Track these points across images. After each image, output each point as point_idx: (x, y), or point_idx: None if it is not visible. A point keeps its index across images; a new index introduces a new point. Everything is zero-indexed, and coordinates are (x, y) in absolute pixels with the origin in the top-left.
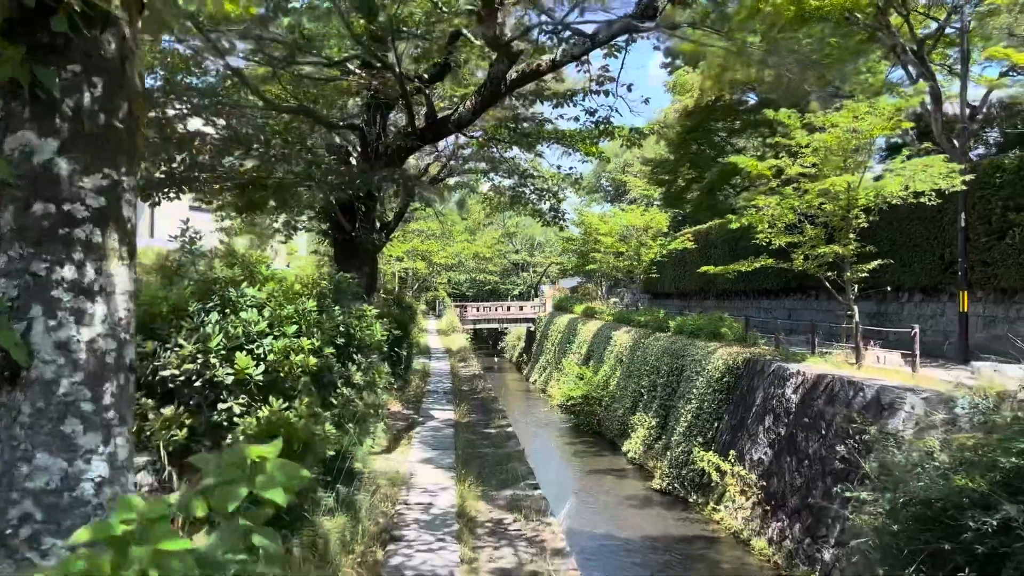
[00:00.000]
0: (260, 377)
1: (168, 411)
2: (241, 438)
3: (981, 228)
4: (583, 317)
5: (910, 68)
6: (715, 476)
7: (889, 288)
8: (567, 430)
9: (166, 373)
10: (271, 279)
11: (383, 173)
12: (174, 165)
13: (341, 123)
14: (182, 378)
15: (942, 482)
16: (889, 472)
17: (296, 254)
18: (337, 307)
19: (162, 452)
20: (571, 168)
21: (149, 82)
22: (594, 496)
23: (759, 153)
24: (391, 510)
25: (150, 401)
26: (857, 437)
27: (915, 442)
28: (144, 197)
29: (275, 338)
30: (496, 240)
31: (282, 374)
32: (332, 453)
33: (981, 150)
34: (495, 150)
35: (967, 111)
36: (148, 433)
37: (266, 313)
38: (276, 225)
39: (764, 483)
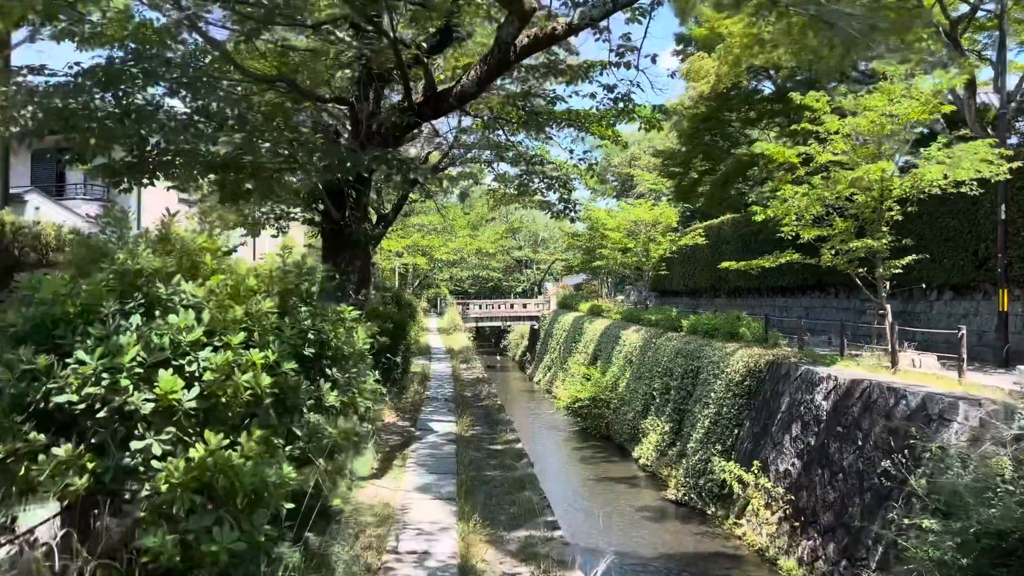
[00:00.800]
0: (192, 403)
1: (63, 450)
2: (163, 488)
3: (1022, 221)
4: (589, 315)
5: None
6: (737, 488)
7: (917, 286)
8: (574, 434)
9: (61, 399)
10: (220, 271)
11: (375, 153)
12: (148, 149)
13: (328, 97)
14: (82, 405)
15: (1020, 510)
16: (955, 496)
17: (293, 250)
18: (305, 308)
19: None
20: (585, 153)
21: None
22: (606, 508)
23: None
24: (377, 562)
25: (41, 436)
26: (903, 451)
27: (981, 461)
28: (113, 183)
29: (215, 350)
30: (500, 235)
31: (224, 399)
32: (290, 506)
33: (1014, 140)
34: (501, 133)
35: (1003, 97)
36: (38, 479)
37: (205, 316)
38: (263, 216)
39: (792, 497)
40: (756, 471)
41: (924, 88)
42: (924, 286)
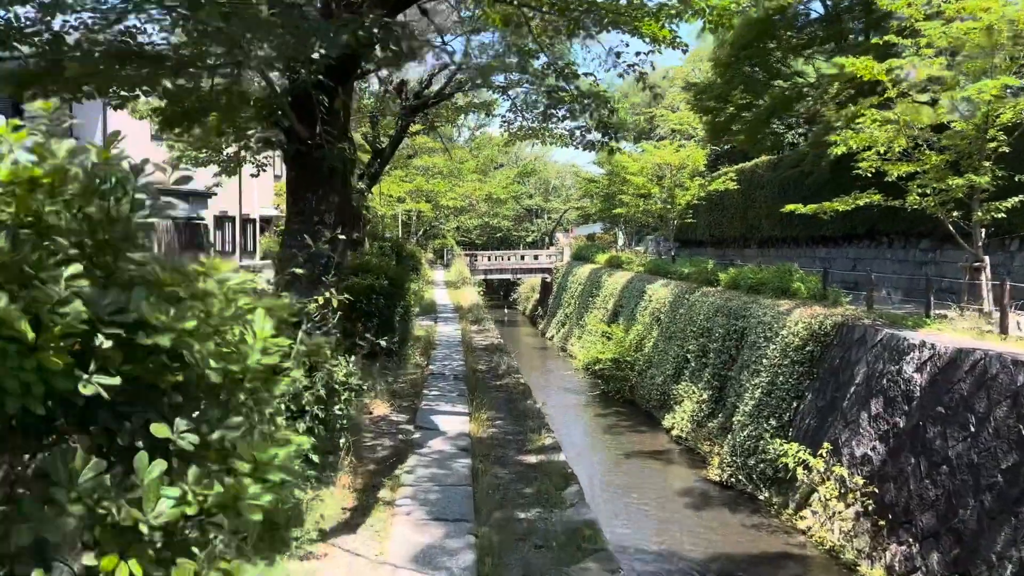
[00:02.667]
0: None
1: None
2: None
3: None
4: (608, 268)
5: None
6: (801, 473)
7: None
8: (595, 399)
9: None
10: None
11: (351, 22)
12: (64, 48)
13: None
14: None
15: None
16: None
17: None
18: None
19: None
20: (637, 60)
21: None
22: (639, 490)
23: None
24: None
25: None
26: None
27: None
28: (16, 93)
29: None
30: (511, 180)
31: None
32: None
33: None
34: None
35: None
36: None
37: None
38: (230, 150)
39: (875, 489)
40: (825, 454)
41: None
42: (995, 234)
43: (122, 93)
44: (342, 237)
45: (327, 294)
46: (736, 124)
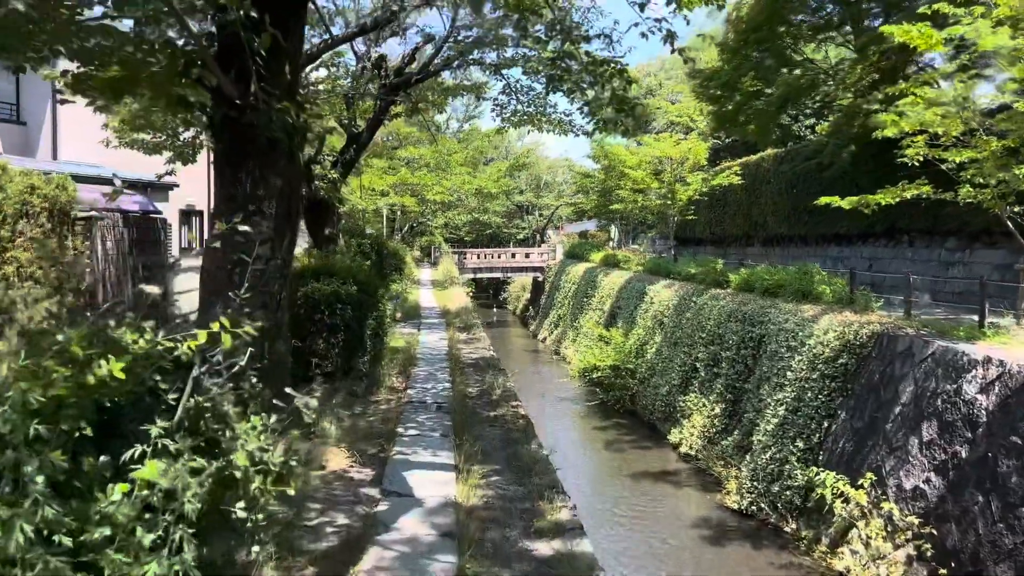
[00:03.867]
0: None
1: None
2: None
3: None
4: (604, 267)
5: None
6: (839, 506)
7: None
8: (593, 408)
9: None
10: None
11: None
12: None
13: None
14: None
15: None
16: None
17: None
18: None
19: None
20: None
21: None
22: (647, 520)
23: (845, 59)
24: None
25: None
26: None
27: None
28: None
29: None
30: (502, 173)
31: None
32: None
33: None
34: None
35: None
36: None
37: None
38: (189, 133)
39: (933, 530)
40: (867, 485)
41: None
42: None
43: (28, 55)
44: (343, 238)
45: (223, 323)
46: (744, 114)
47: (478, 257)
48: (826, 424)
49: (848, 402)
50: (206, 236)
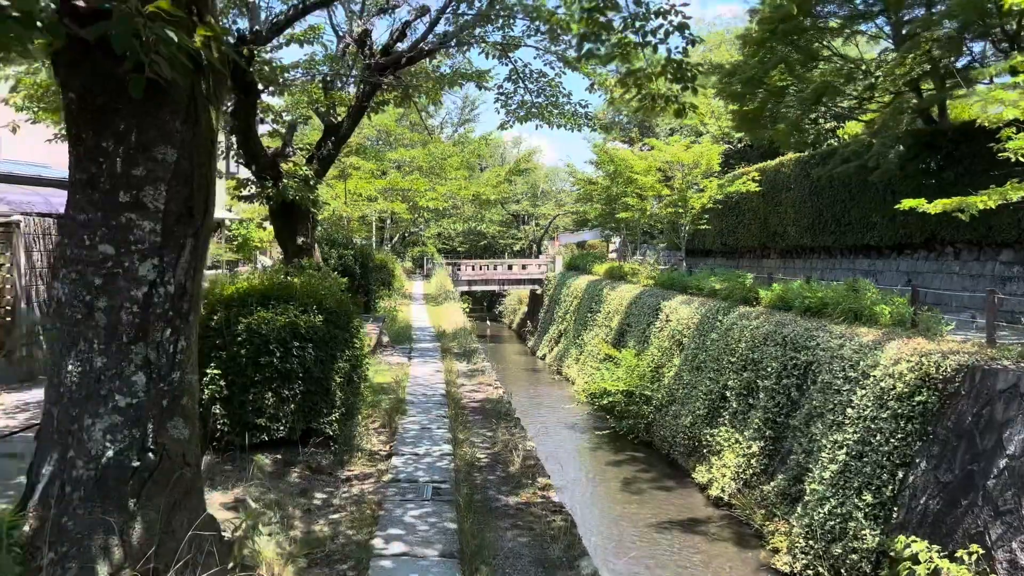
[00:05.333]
0: None
1: None
2: None
3: None
4: (609, 279)
5: None
6: None
7: None
8: (604, 439)
9: None
10: None
11: None
12: None
13: None
14: None
15: None
16: None
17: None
18: None
19: None
20: None
21: None
22: None
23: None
24: None
25: None
26: None
27: None
28: None
29: None
30: (502, 178)
31: None
32: None
33: None
34: None
35: None
36: None
37: None
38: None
39: None
40: (970, 559)
41: None
42: None
43: None
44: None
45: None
46: (771, 112)
47: (473, 269)
48: (901, 475)
49: (930, 449)
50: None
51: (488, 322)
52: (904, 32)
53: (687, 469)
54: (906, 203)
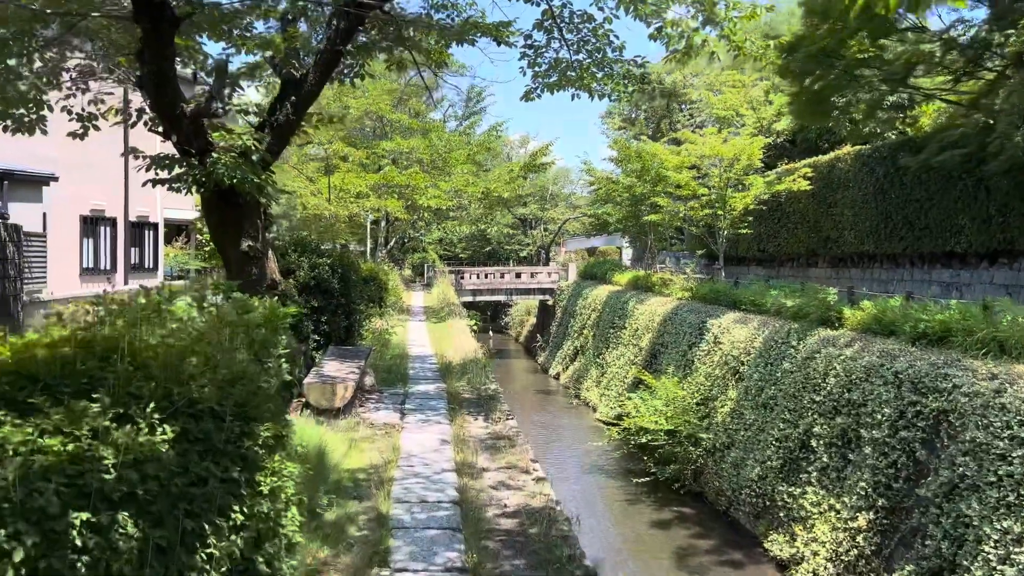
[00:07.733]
0: None
1: None
2: None
3: None
4: (634, 291)
5: None
6: None
7: None
8: (643, 489)
9: None
10: None
11: None
12: None
13: None
14: None
15: None
16: None
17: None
18: None
19: None
20: None
21: None
22: None
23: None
24: None
25: None
26: None
27: None
28: None
29: None
30: (514, 175)
31: None
32: None
33: None
34: None
35: None
36: None
37: None
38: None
39: None
40: None
41: None
42: None
43: None
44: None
45: None
46: (843, 93)
47: (478, 277)
48: None
49: None
50: (121, 249)
51: (491, 333)
52: None
53: (753, 533)
54: None
